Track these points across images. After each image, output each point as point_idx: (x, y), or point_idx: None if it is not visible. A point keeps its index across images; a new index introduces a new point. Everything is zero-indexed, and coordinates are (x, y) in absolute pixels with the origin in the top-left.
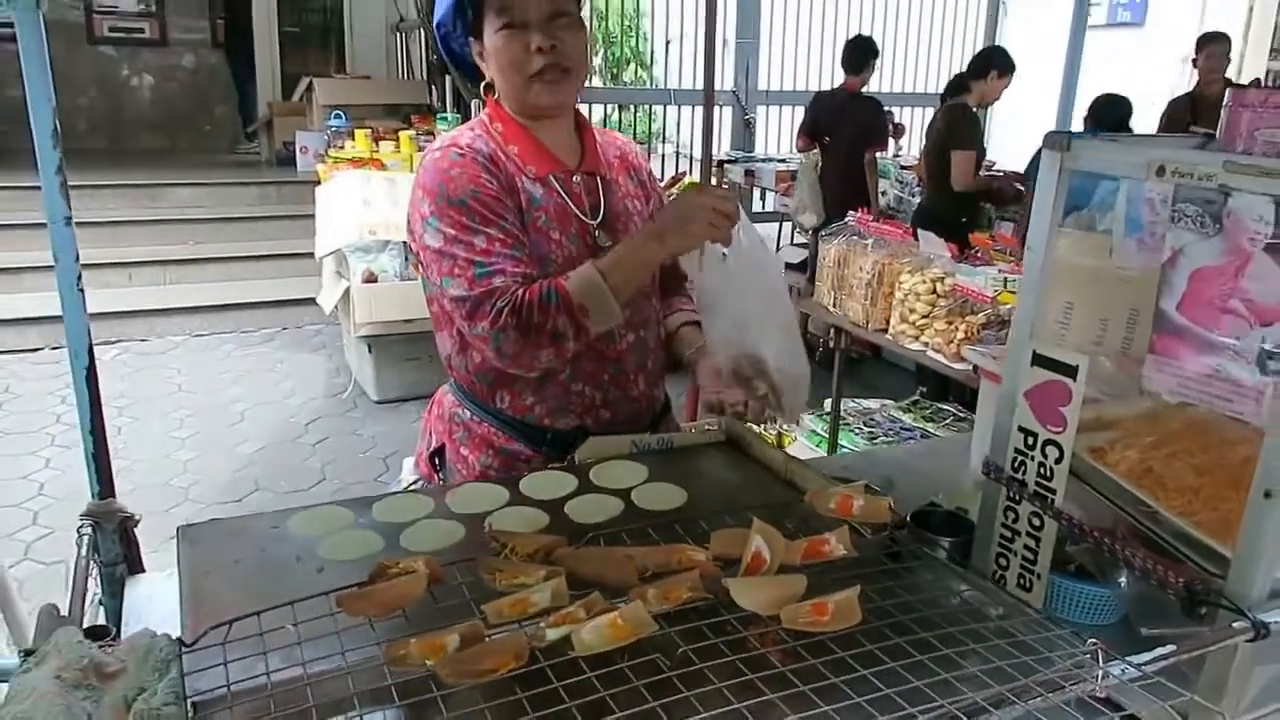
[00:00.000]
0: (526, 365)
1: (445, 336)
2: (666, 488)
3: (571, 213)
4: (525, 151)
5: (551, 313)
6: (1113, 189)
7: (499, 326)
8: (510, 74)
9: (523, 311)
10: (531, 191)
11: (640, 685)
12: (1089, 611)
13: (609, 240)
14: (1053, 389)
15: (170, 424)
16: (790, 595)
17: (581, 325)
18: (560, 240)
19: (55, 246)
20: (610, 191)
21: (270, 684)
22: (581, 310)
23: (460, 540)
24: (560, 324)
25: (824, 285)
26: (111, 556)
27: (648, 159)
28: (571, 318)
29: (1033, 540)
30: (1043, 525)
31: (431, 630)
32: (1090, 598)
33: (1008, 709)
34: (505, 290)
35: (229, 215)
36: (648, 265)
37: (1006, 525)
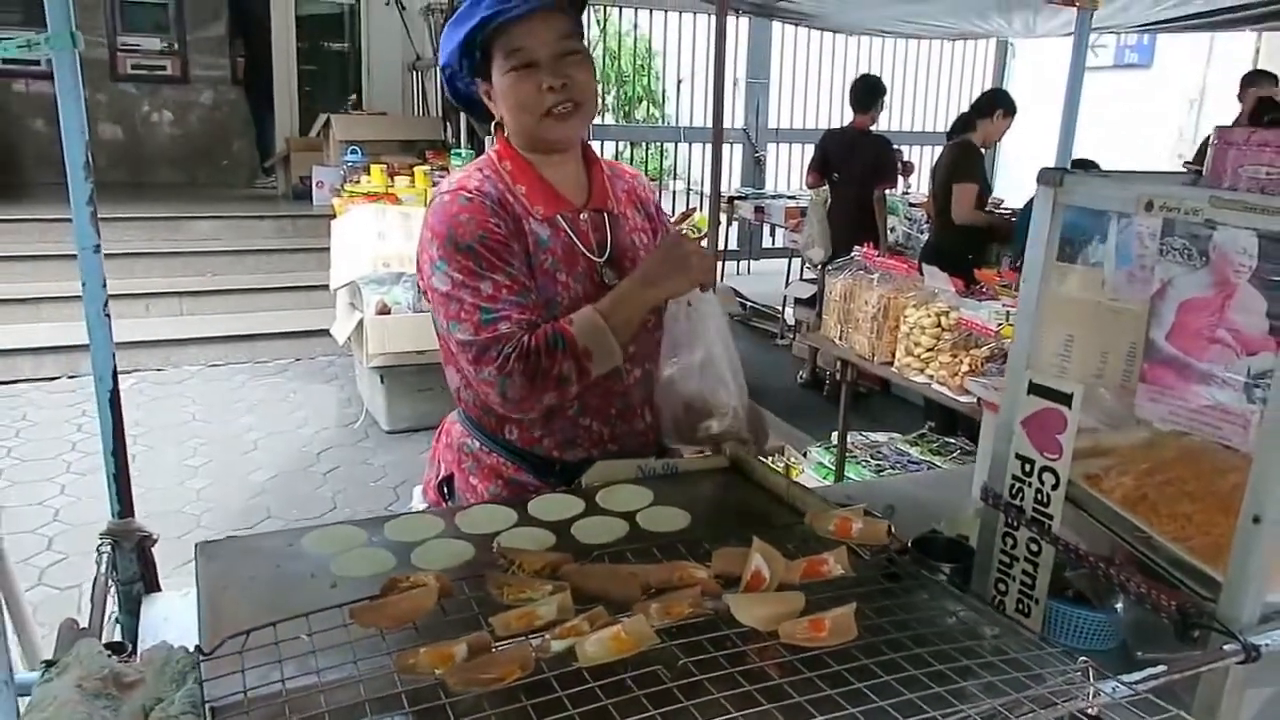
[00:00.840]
0: (529, 408)
1: (453, 371)
2: (671, 511)
3: (579, 251)
4: (532, 192)
5: (558, 358)
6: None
7: (505, 372)
8: (521, 114)
9: (529, 357)
10: (538, 233)
11: (641, 695)
12: (1086, 636)
13: (615, 277)
14: (1049, 417)
15: (184, 452)
16: (789, 612)
17: (585, 368)
18: (567, 282)
19: (84, 273)
20: (617, 227)
21: (285, 691)
22: (586, 354)
23: (470, 559)
24: (565, 368)
25: (830, 319)
26: (129, 575)
27: (658, 194)
28: (576, 361)
29: (1030, 565)
30: (1040, 551)
31: (440, 641)
32: (1087, 623)
33: None
34: (511, 337)
35: (246, 248)
36: (643, 308)
37: (1005, 551)
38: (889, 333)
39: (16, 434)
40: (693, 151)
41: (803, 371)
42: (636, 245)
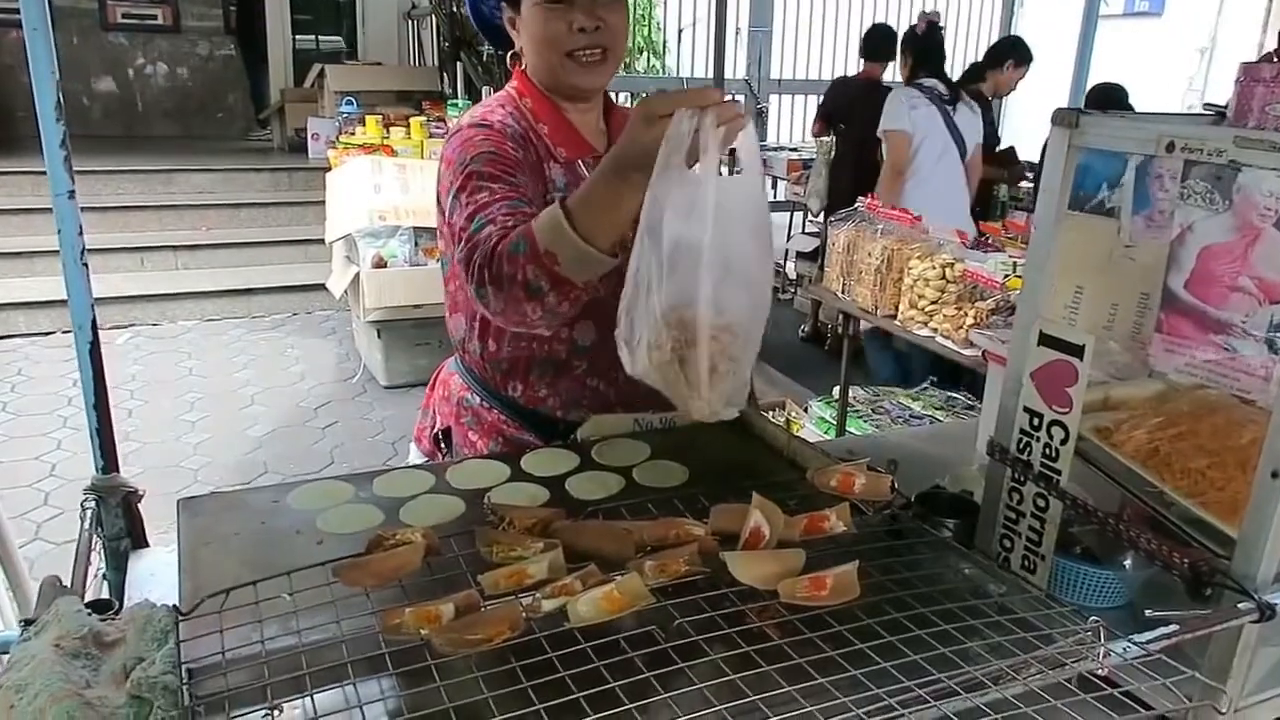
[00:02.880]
0: (518, 322)
1: (461, 319)
2: (668, 465)
3: None
4: (555, 132)
5: (519, 262)
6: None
7: (477, 282)
8: (545, 50)
9: (492, 265)
10: (555, 178)
11: (635, 657)
12: (1093, 594)
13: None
14: (1059, 369)
15: (181, 407)
16: (788, 570)
17: (555, 274)
18: None
19: (59, 219)
20: None
21: (265, 652)
22: (550, 257)
23: (460, 515)
24: (531, 274)
25: (833, 271)
26: (115, 531)
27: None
28: (540, 266)
29: (1037, 522)
30: (1048, 506)
31: (427, 600)
32: (1094, 580)
33: (1007, 685)
34: (484, 241)
35: (241, 201)
36: (615, 200)
37: (1011, 507)
38: (892, 285)
39: (12, 389)
40: None
41: (804, 326)
42: None
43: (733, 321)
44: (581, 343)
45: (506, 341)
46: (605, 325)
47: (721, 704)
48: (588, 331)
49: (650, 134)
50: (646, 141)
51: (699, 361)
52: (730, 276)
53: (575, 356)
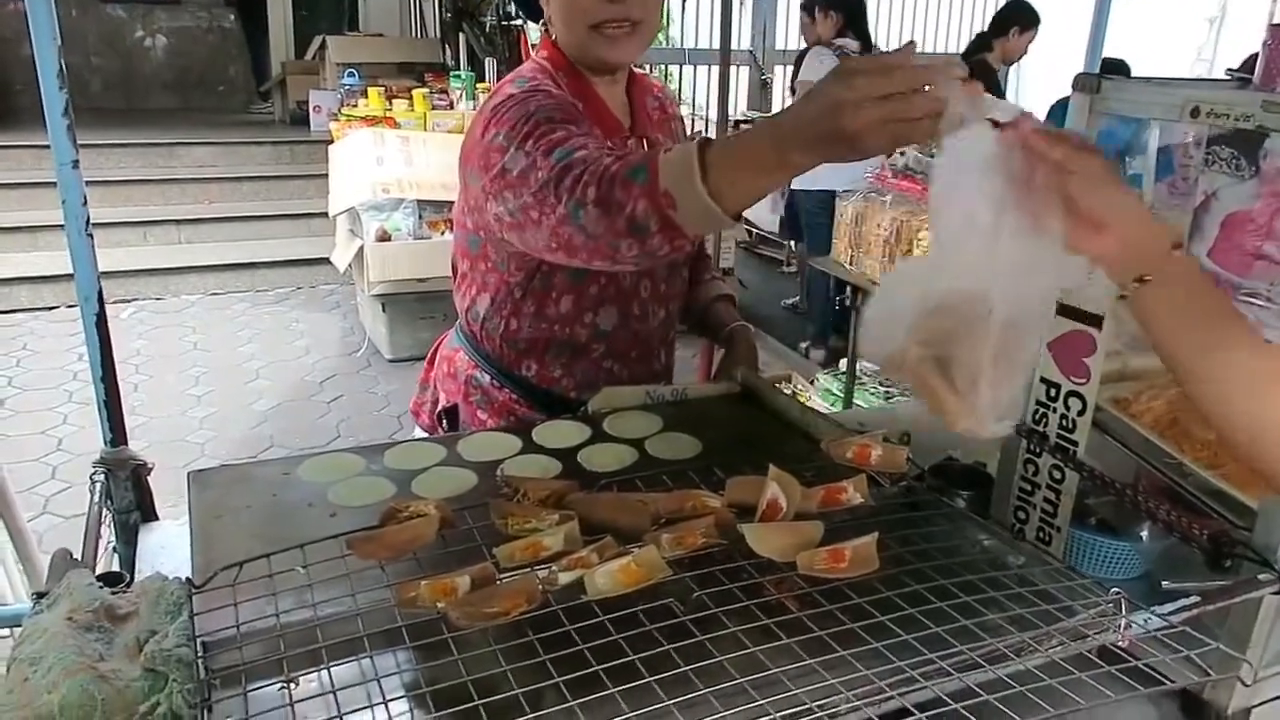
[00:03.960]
0: (607, 254)
1: (486, 296)
2: (680, 437)
3: None
4: (589, 110)
5: (634, 193)
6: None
7: (577, 199)
8: (573, 21)
9: (603, 184)
10: None
11: (654, 629)
12: (1109, 565)
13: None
14: (1076, 340)
15: (186, 381)
16: (806, 542)
17: (668, 219)
18: None
19: (63, 190)
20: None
21: (280, 625)
22: (668, 200)
23: (472, 487)
24: (641, 210)
25: (841, 243)
26: (124, 504)
27: (678, 104)
28: (654, 204)
29: (1053, 493)
30: (1064, 478)
31: (442, 573)
32: (1111, 551)
33: (1029, 657)
34: (589, 160)
35: (243, 174)
36: (764, 169)
37: (1026, 478)
38: (901, 256)
39: (17, 363)
40: (697, 75)
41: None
42: None
43: (1016, 315)
44: (603, 327)
45: (529, 321)
46: (628, 311)
47: (743, 676)
48: (610, 316)
49: (847, 97)
50: (837, 110)
51: (975, 362)
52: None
53: (595, 340)
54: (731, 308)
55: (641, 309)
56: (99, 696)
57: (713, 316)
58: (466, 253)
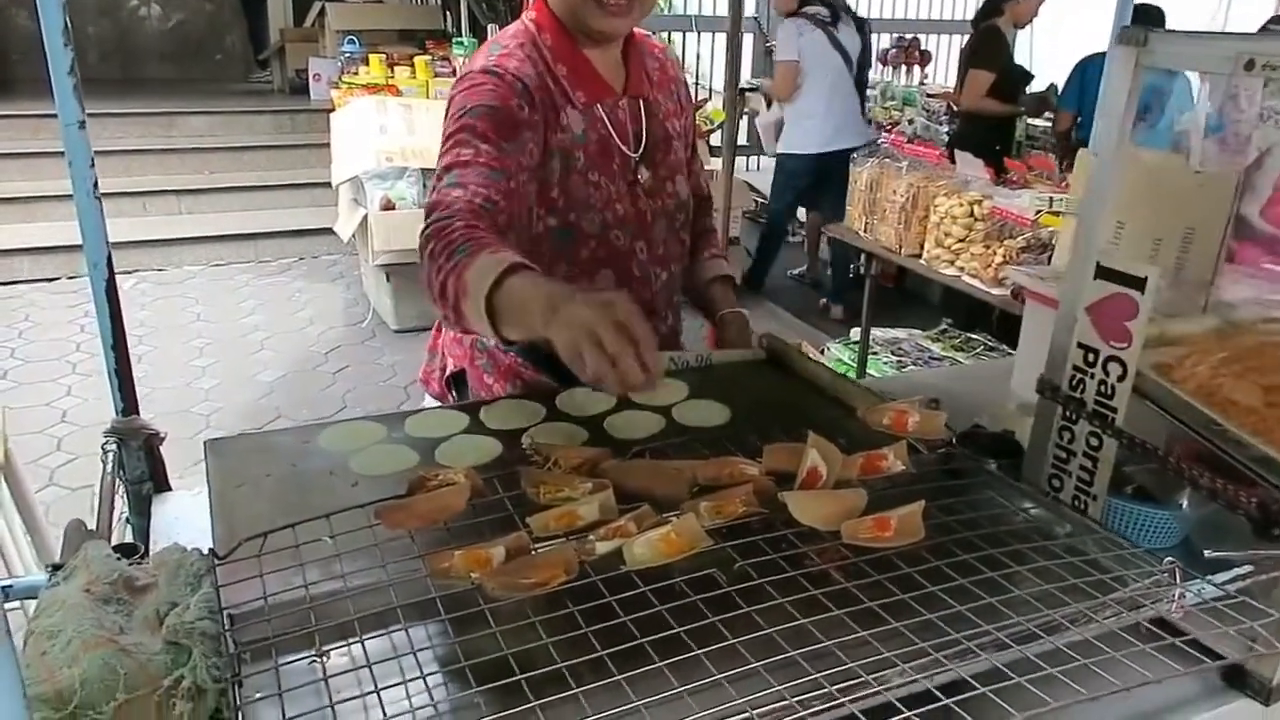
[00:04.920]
0: (434, 298)
1: None
2: (709, 404)
3: (614, 146)
4: (574, 74)
5: (451, 266)
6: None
7: (422, 242)
8: None
9: (440, 239)
10: (573, 127)
11: (698, 600)
12: (1147, 534)
13: (649, 173)
14: (1118, 303)
15: (190, 353)
16: (850, 510)
17: (460, 307)
18: (599, 182)
19: (69, 152)
20: (652, 115)
21: (309, 597)
22: (463, 291)
23: (498, 456)
24: (449, 286)
25: (855, 210)
26: (137, 474)
27: (681, 68)
28: (455, 286)
29: (1089, 461)
30: (1101, 445)
31: (476, 543)
32: (1151, 520)
33: (1085, 627)
34: (446, 207)
35: (243, 144)
36: (528, 331)
37: (1061, 446)
38: (918, 223)
39: (19, 335)
40: (701, 42)
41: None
42: (670, 134)
43: None
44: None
45: None
46: (626, 273)
47: (795, 650)
48: (607, 280)
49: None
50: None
51: None
52: None
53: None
54: (729, 291)
55: (641, 271)
56: (121, 670)
57: (709, 300)
58: None
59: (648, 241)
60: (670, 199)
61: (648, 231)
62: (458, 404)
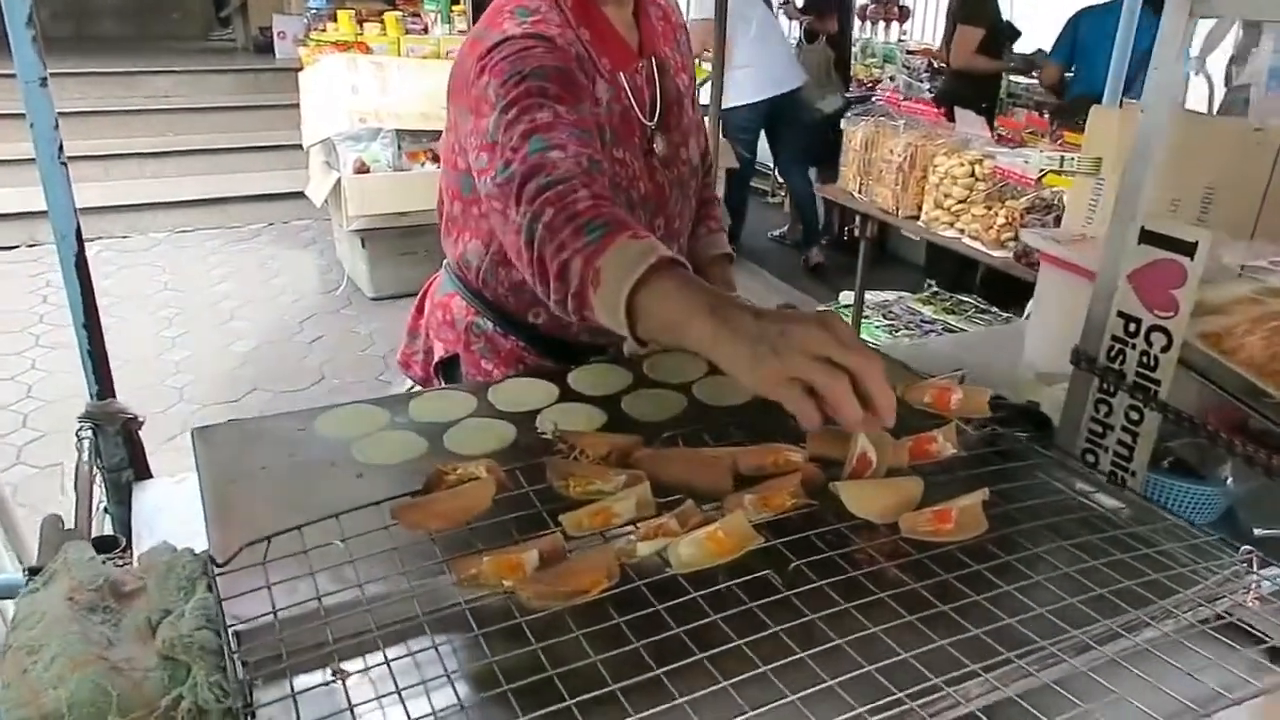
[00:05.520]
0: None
1: (479, 245)
2: (730, 381)
3: (634, 117)
4: (598, 39)
5: (579, 246)
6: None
7: (534, 212)
8: None
9: (560, 215)
10: (603, 97)
11: (754, 607)
12: (1188, 509)
13: (664, 145)
14: (1164, 269)
15: (159, 323)
16: (907, 501)
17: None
18: (624, 159)
19: (31, 113)
20: (665, 76)
21: (323, 608)
22: (595, 276)
23: (513, 442)
24: (574, 267)
25: (850, 170)
26: (115, 461)
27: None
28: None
29: (1128, 435)
30: (1142, 419)
31: (504, 546)
32: (1194, 496)
33: (1164, 622)
34: (560, 176)
35: (207, 105)
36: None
37: (1097, 419)
38: (915, 184)
39: None
40: None
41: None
42: (681, 92)
43: None
44: None
45: None
46: None
47: (871, 664)
48: None
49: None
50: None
51: None
52: None
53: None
54: (728, 271)
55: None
56: (113, 691)
57: (707, 279)
58: (457, 194)
59: (665, 217)
60: (684, 166)
61: (665, 207)
62: (463, 385)
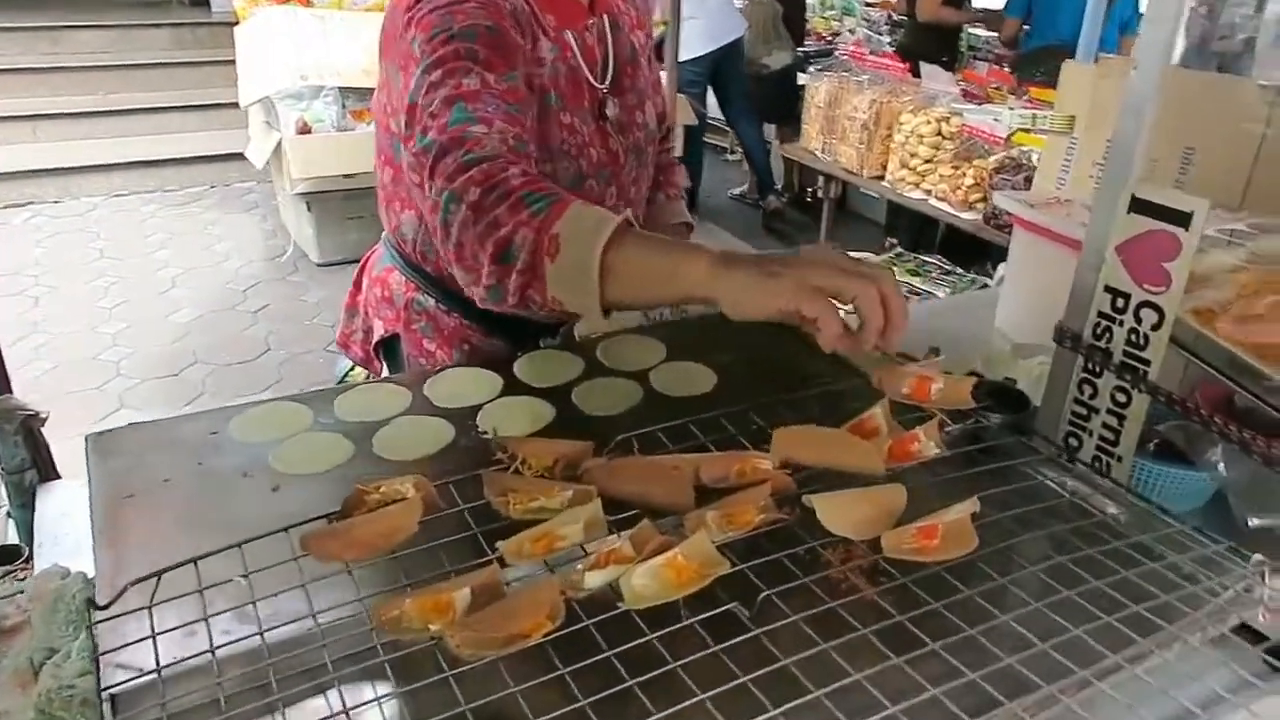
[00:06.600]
0: (467, 263)
1: (412, 216)
2: (691, 368)
3: (582, 78)
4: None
5: (522, 219)
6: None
7: (453, 190)
8: None
9: (490, 191)
10: (546, 57)
11: (719, 651)
12: (1176, 497)
13: (617, 108)
14: (1155, 241)
15: (94, 293)
16: (888, 512)
17: (538, 264)
18: (572, 123)
19: None
20: (618, 33)
21: (217, 663)
22: (552, 245)
23: (449, 443)
24: (519, 239)
25: (811, 129)
26: (16, 463)
27: None
28: (536, 243)
29: (1115, 418)
30: (1129, 401)
31: (431, 581)
32: (1183, 482)
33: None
34: (482, 143)
35: (139, 62)
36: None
37: (1081, 401)
38: (880, 142)
39: None
40: None
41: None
42: (636, 51)
43: None
44: None
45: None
46: None
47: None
48: None
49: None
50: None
51: None
52: None
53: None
54: (687, 240)
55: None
56: None
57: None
58: (390, 159)
59: (619, 186)
60: (639, 131)
61: (619, 175)
62: (394, 376)
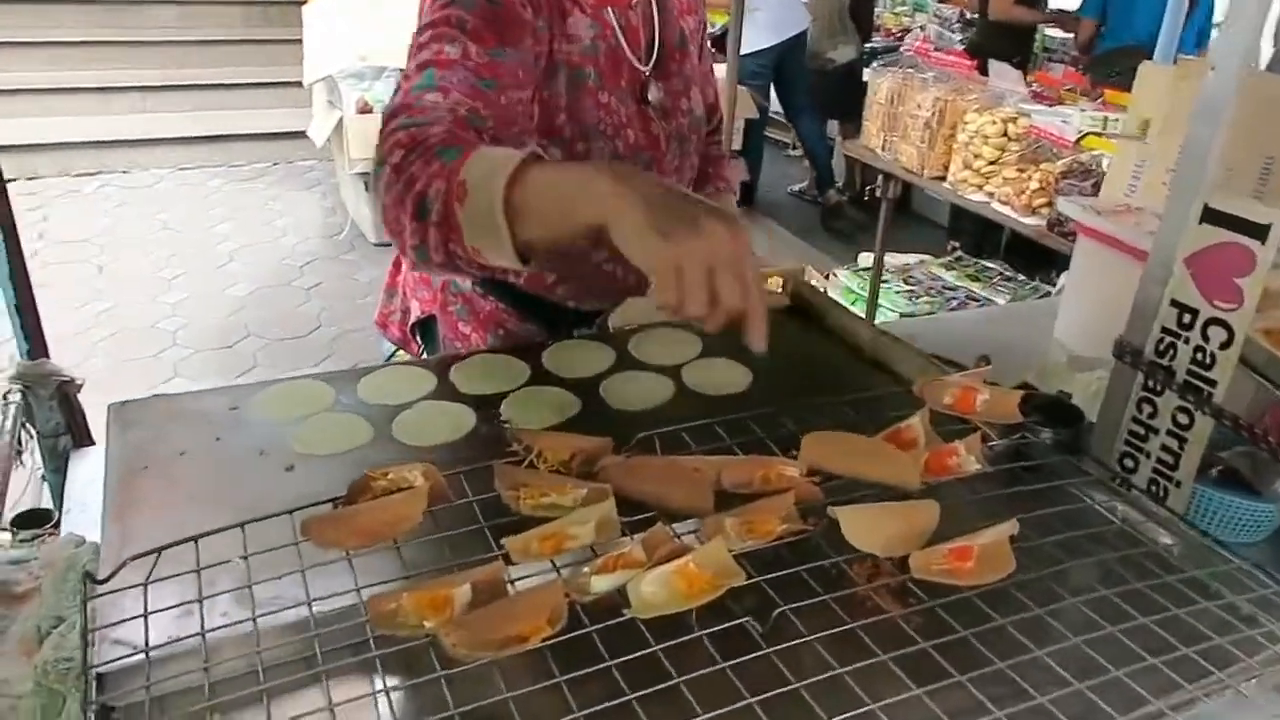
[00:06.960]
0: (392, 227)
1: None
2: (726, 365)
3: (624, 58)
4: None
5: (433, 171)
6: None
7: (385, 151)
8: None
9: (412, 150)
10: (582, 35)
11: (727, 668)
12: (1239, 529)
13: (661, 90)
14: (1228, 254)
15: (156, 263)
16: (918, 531)
17: (450, 211)
18: (609, 103)
19: None
20: (666, 13)
21: (206, 647)
22: (459, 194)
23: (470, 431)
24: (431, 191)
25: (873, 125)
26: (50, 427)
27: None
28: (446, 196)
29: (1175, 441)
30: (1191, 424)
31: (432, 575)
32: (1246, 513)
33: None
34: (423, 111)
35: (211, 38)
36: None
37: (1140, 420)
38: (943, 142)
39: None
40: None
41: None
42: (686, 36)
43: None
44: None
45: None
46: None
47: None
48: None
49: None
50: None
51: None
52: None
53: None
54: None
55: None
56: None
57: None
58: None
59: (660, 172)
60: (684, 118)
61: (660, 160)
62: (423, 359)
